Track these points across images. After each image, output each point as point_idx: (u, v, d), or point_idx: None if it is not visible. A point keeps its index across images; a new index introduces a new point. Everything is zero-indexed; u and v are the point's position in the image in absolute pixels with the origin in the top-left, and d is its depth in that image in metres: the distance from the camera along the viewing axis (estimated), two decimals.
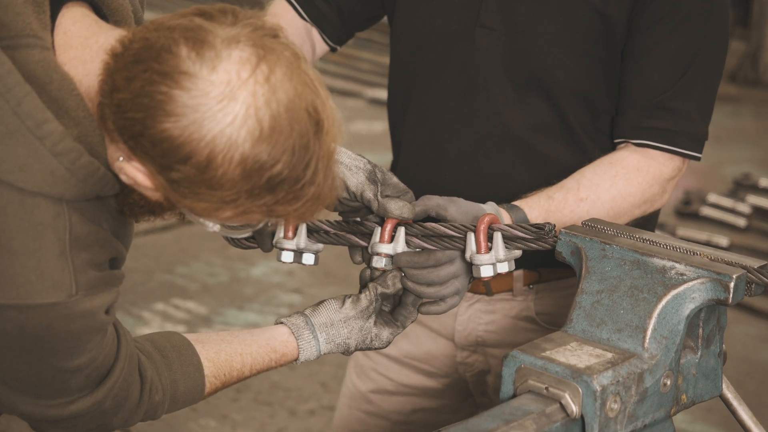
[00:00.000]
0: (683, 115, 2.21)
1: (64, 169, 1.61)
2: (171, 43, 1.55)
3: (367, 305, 2.01)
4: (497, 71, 2.25)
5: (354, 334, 2.00)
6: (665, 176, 2.23)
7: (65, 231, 1.62)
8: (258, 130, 1.55)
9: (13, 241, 1.59)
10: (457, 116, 2.29)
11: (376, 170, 2.01)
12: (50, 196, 1.61)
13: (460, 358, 2.44)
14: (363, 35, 10.42)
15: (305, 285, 5.51)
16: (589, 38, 2.21)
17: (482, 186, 2.28)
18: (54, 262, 1.61)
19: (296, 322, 2.00)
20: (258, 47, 1.57)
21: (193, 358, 1.89)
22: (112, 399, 1.76)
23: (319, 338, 1.99)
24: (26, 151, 1.59)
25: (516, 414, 1.71)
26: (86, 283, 1.65)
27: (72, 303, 1.63)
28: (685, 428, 4.43)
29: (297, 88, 1.58)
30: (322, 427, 4.35)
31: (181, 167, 1.56)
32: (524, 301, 2.37)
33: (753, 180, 7.32)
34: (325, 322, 2.00)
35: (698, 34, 2.20)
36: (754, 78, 10.37)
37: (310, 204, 1.63)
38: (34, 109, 1.59)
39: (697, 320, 1.88)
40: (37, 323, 1.62)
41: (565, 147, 2.28)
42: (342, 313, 2.01)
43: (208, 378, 1.90)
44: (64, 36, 1.67)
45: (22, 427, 4.20)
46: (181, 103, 1.53)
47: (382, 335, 2.03)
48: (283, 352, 1.98)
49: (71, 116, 1.62)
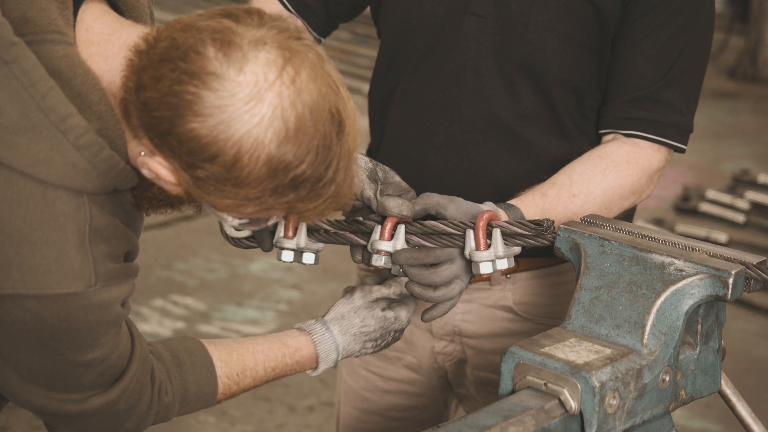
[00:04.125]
0: (672, 107, 2.22)
1: (86, 163, 1.63)
2: (198, 43, 1.57)
3: (376, 296, 2.06)
4: (486, 59, 2.25)
5: (369, 321, 2.03)
6: (653, 167, 2.24)
7: (85, 223, 1.65)
8: (284, 131, 1.58)
9: (34, 233, 1.61)
10: (444, 103, 2.29)
11: (377, 169, 2.01)
12: (71, 189, 1.63)
13: (438, 347, 2.44)
14: (361, 31, 10.41)
15: (304, 281, 5.51)
16: (582, 28, 2.21)
17: (468, 173, 2.28)
18: (74, 253, 1.64)
19: (307, 322, 2.05)
20: (284, 49, 1.59)
21: (205, 359, 1.92)
22: (125, 400, 1.78)
23: (332, 330, 2.01)
24: (49, 145, 1.61)
25: (515, 410, 1.71)
26: (105, 274, 1.67)
27: (91, 293, 1.65)
28: (683, 424, 4.43)
29: (321, 89, 1.61)
30: (321, 423, 4.35)
31: (207, 166, 1.58)
32: (502, 290, 2.37)
33: (752, 176, 7.32)
34: (336, 316, 2.04)
35: (687, 26, 2.21)
36: (753, 74, 10.37)
37: (329, 201, 1.66)
38: (58, 104, 1.61)
39: (695, 316, 1.88)
40: (55, 313, 1.64)
41: (553, 136, 2.28)
42: (351, 304, 2.05)
43: (221, 378, 1.92)
44: (86, 32, 1.69)
45: (21, 421, 4.20)
46: (209, 103, 1.56)
47: (401, 316, 2.07)
48: (295, 346, 2.01)
49: (94, 110, 1.64)
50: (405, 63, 2.33)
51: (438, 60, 2.28)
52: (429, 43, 2.29)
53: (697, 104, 2.28)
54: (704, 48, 2.26)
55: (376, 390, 2.52)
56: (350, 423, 2.57)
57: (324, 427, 4.32)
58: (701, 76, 2.27)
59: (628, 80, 2.24)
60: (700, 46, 2.24)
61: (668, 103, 2.22)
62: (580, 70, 2.25)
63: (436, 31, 2.27)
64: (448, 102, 2.29)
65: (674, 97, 2.23)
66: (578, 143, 2.28)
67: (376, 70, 2.43)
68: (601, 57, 2.25)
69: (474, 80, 2.26)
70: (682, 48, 2.22)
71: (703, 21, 2.23)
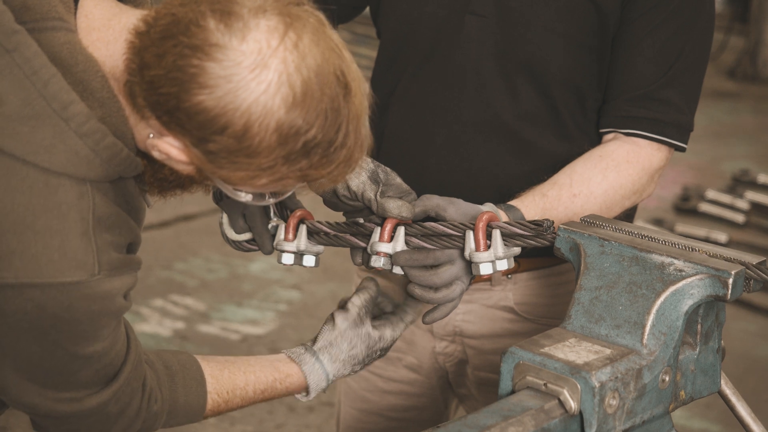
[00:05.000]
0: (672, 106, 2.22)
1: (88, 150, 1.63)
2: (198, 16, 1.57)
3: (357, 313, 2.03)
4: (487, 59, 2.25)
5: (356, 343, 2.02)
6: (654, 166, 2.24)
7: (89, 211, 1.64)
8: (291, 96, 1.58)
9: (37, 221, 1.61)
10: (444, 104, 2.29)
11: (379, 170, 2.01)
12: (74, 177, 1.63)
13: (439, 348, 2.44)
14: (361, 31, 10.42)
15: (304, 281, 5.51)
16: (583, 28, 2.22)
17: (469, 174, 2.28)
18: (77, 241, 1.63)
19: (296, 350, 2.03)
20: (284, 15, 1.60)
21: (196, 373, 1.91)
22: (116, 403, 1.77)
23: (322, 359, 2.00)
24: (52, 133, 1.61)
25: (514, 410, 1.71)
26: (108, 264, 1.67)
27: (94, 283, 1.65)
28: (683, 424, 4.43)
29: (324, 53, 1.61)
30: (321, 423, 4.35)
31: (218, 138, 1.58)
32: (502, 290, 2.37)
33: (751, 176, 7.32)
34: (324, 345, 2.02)
35: (687, 25, 2.22)
36: (753, 74, 10.38)
37: (342, 167, 1.67)
38: (60, 91, 1.61)
39: (695, 316, 1.88)
40: (57, 303, 1.63)
41: (554, 136, 2.28)
42: (336, 330, 2.02)
43: (211, 394, 1.91)
44: (86, 18, 1.69)
45: (22, 421, 4.20)
46: (214, 74, 1.56)
47: (385, 335, 2.05)
48: (287, 372, 2.00)
49: (96, 97, 1.64)
50: (405, 63, 2.33)
51: (439, 61, 2.28)
52: (429, 43, 2.28)
53: (698, 103, 2.28)
54: (704, 47, 2.26)
55: (377, 390, 2.52)
56: (350, 423, 2.57)
57: (324, 427, 4.32)
58: (701, 75, 2.27)
59: (628, 79, 2.24)
60: (700, 45, 2.24)
61: (668, 102, 2.22)
62: (581, 70, 2.25)
63: (436, 31, 2.27)
64: (449, 103, 2.29)
65: (674, 96, 2.23)
66: (579, 143, 2.28)
67: (375, 71, 2.43)
68: (601, 57, 2.25)
69: (475, 81, 2.26)
70: (682, 47, 2.22)
71: (703, 20, 2.24)
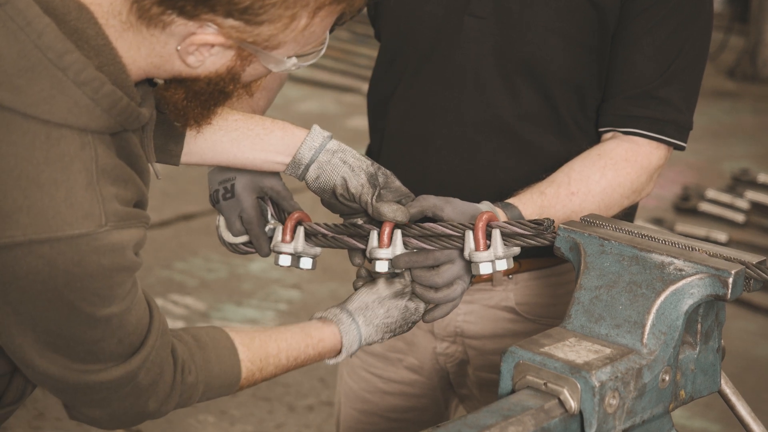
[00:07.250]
0: (671, 104, 2.22)
1: (88, 99, 1.62)
2: None
3: (401, 288, 2.04)
4: (487, 59, 2.25)
5: (393, 312, 2.03)
6: (653, 165, 2.24)
7: (92, 161, 1.63)
8: None
9: (41, 174, 1.60)
10: (445, 104, 2.29)
11: (379, 173, 2.01)
12: (75, 127, 1.62)
13: (440, 348, 2.44)
14: (360, 30, 10.40)
15: (304, 281, 5.51)
16: (583, 28, 2.22)
17: (470, 174, 2.28)
18: (83, 192, 1.62)
19: (331, 311, 2.02)
20: None
21: (227, 342, 1.89)
22: (146, 373, 1.75)
23: (357, 321, 2.00)
24: (50, 84, 1.60)
25: (514, 410, 1.71)
26: (114, 215, 1.65)
27: (102, 234, 1.63)
28: (683, 424, 4.43)
29: None
30: (321, 423, 4.35)
31: None
32: (504, 291, 2.37)
33: (751, 176, 7.31)
34: (360, 306, 2.03)
35: (687, 23, 2.22)
36: (753, 73, 10.37)
37: None
38: (55, 41, 1.60)
39: (695, 316, 1.88)
40: (68, 258, 1.61)
41: (554, 136, 2.28)
42: (375, 294, 2.03)
43: (244, 363, 1.90)
44: None
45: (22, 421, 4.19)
46: None
47: (420, 307, 2.07)
48: (318, 337, 1.99)
49: (91, 45, 1.64)
50: (405, 64, 2.33)
51: (438, 61, 2.28)
52: (429, 44, 2.29)
53: (697, 102, 2.28)
54: (703, 46, 2.26)
55: (377, 391, 2.52)
56: (350, 424, 2.57)
57: (324, 427, 4.32)
58: (700, 74, 2.27)
59: (627, 78, 2.23)
60: (699, 43, 2.24)
61: (667, 100, 2.22)
62: (581, 69, 2.25)
63: (436, 31, 2.27)
64: (449, 103, 2.29)
65: (673, 94, 2.23)
66: (580, 143, 2.28)
67: (375, 71, 2.43)
68: (601, 56, 2.25)
69: (475, 81, 2.26)
70: (681, 46, 2.22)
71: (702, 19, 2.23)
